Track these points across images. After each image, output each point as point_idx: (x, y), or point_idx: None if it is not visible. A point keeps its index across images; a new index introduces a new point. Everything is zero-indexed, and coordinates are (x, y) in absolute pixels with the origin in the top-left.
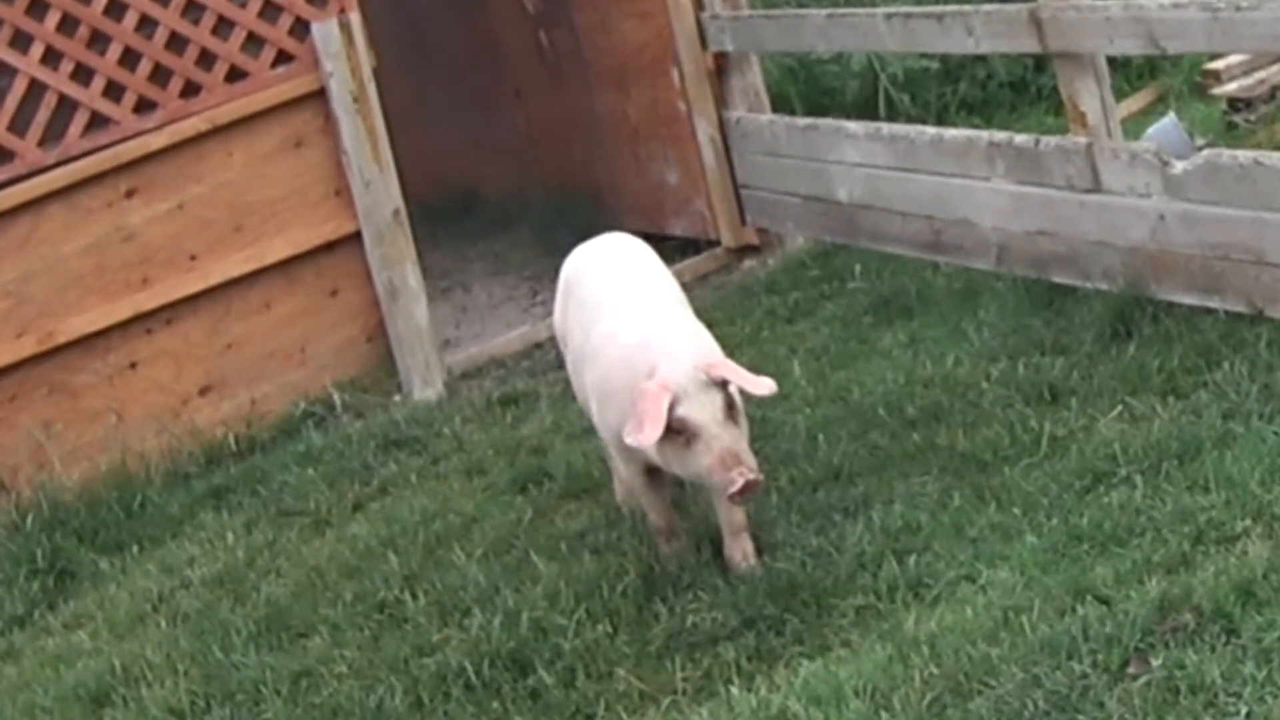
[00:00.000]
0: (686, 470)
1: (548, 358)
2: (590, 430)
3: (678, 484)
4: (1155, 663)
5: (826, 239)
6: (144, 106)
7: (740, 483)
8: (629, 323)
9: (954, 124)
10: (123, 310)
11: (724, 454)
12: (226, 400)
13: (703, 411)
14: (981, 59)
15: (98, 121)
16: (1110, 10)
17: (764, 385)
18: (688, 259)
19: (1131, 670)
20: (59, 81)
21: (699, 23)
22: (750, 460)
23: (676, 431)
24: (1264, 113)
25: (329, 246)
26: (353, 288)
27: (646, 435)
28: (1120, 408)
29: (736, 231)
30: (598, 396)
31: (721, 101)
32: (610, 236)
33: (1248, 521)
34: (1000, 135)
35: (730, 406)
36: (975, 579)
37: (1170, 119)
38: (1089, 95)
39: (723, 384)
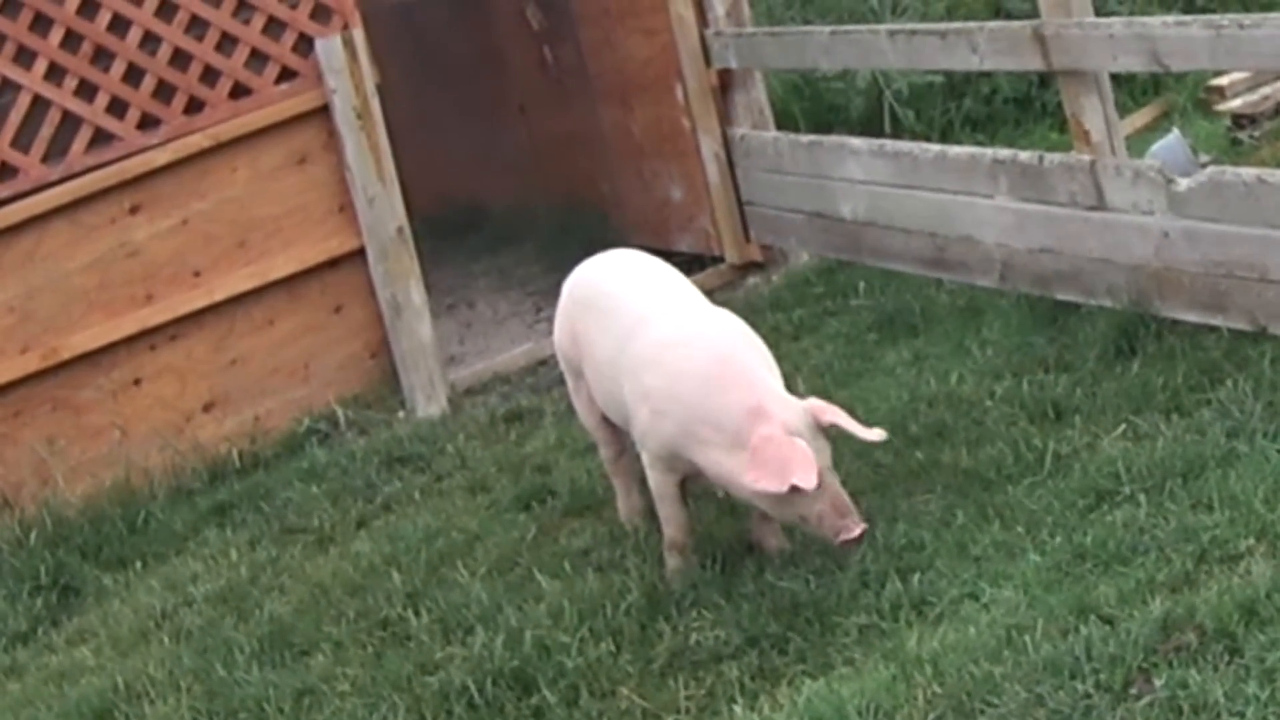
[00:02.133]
0: (788, 514)
1: (552, 374)
2: (593, 448)
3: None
4: (1158, 682)
5: (830, 256)
6: (148, 123)
7: (857, 531)
8: (692, 334)
9: (959, 140)
10: (127, 326)
11: (837, 502)
12: (230, 417)
13: (819, 459)
14: (986, 75)
15: (101, 138)
16: (1114, 28)
17: (875, 434)
18: (692, 275)
19: (1135, 690)
20: (62, 98)
21: (703, 39)
22: (854, 508)
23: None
24: (1268, 129)
25: (333, 263)
26: (356, 304)
27: (801, 479)
28: (1124, 426)
29: (740, 248)
30: (653, 403)
31: (725, 118)
32: (617, 251)
33: (1251, 540)
34: (1004, 152)
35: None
36: (978, 597)
37: (1175, 135)
38: (1093, 112)
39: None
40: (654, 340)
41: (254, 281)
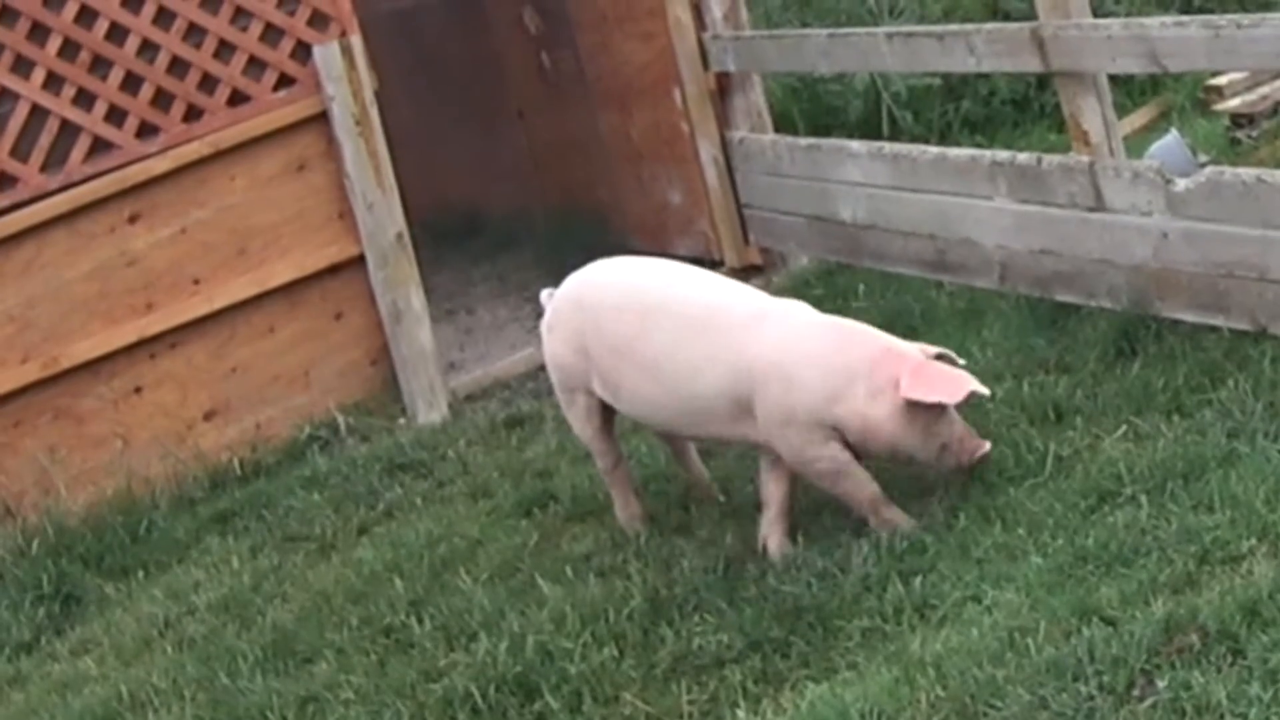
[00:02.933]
0: (927, 441)
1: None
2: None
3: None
4: (1161, 684)
5: (830, 259)
6: (146, 131)
7: (988, 446)
8: (789, 306)
9: (957, 142)
10: (127, 335)
11: (965, 425)
12: (231, 424)
13: None
14: (984, 76)
15: (100, 146)
16: (1112, 29)
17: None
18: None
19: (1137, 692)
20: (61, 107)
21: (701, 43)
22: None
23: (928, 407)
24: (1267, 128)
25: (332, 270)
26: (356, 311)
27: (974, 385)
28: (1125, 427)
29: (740, 252)
30: (788, 376)
31: (724, 122)
32: (608, 260)
33: (1253, 541)
34: (1003, 154)
35: None
36: (981, 600)
37: (1173, 136)
38: (1091, 113)
39: None
40: (755, 319)
41: (254, 289)
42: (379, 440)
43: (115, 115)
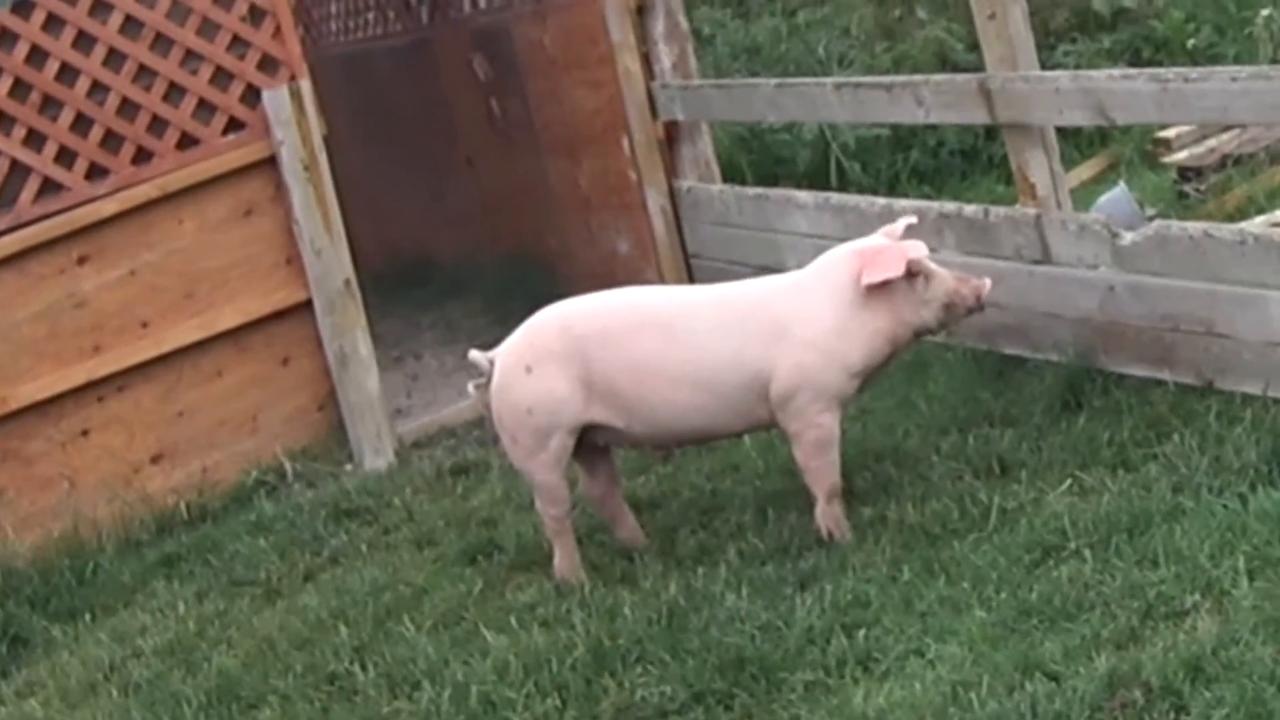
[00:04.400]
0: (931, 303)
1: None
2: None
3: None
4: None
5: None
6: (96, 173)
7: (988, 282)
8: (777, 279)
9: (906, 192)
10: (75, 377)
11: (957, 276)
12: (178, 468)
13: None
14: (932, 127)
15: (50, 188)
16: (1059, 81)
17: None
18: None
19: None
20: (11, 147)
21: (649, 92)
22: None
23: (914, 275)
24: (1214, 181)
25: (280, 315)
26: (304, 356)
27: (911, 250)
28: (1070, 481)
29: None
30: (823, 346)
31: (672, 170)
32: (579, 298)
33: (1197, 596)
34: (949, 206)
35: None
36: (924, 654)
37: (1121, 188)
38: (1038, 166)
39: None
40: (764, 299)
41: (201, 333)
42: (325, 486)
43: (65, 156)
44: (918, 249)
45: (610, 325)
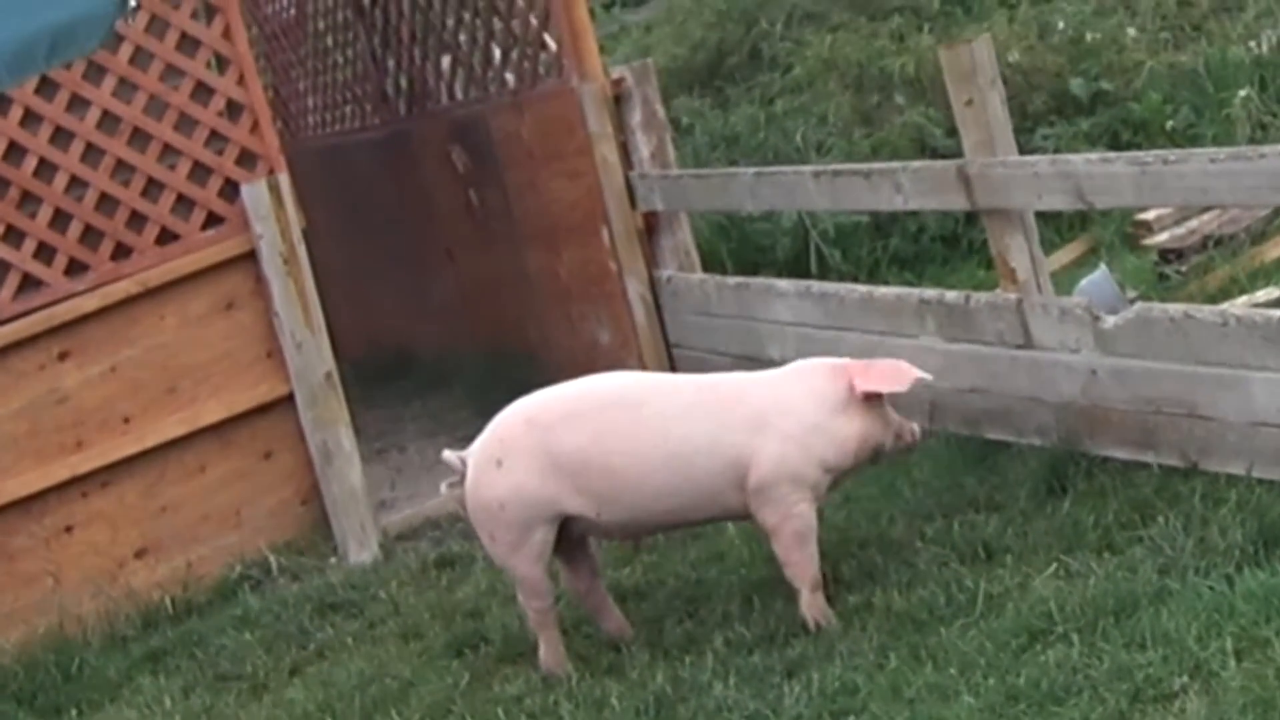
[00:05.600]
0: (889, 428)
1: None
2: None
3: None
4: None
5: None
6: (75, 269)
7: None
8: (756, 375)
9: (886, 279)
10: (58, 473)
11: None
12: (163, 563)
13: None
14: (913, 213)
15: (29, 284)
16: (1038, 166)
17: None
18: None
19: None
20: None
21: (628, 182)
22: None
23: (877, 396)
24: (1195, 263)
25: (262, 409)
26: (286, 450)
27: (918, 371)
28: (1056, 565)
29: None
30: (802, 440)
31: (652, 260)
32: (541, 392)
33: (1185, 678)
34: (930, 292)
35: None
36: None
37: (1102, 271)
38: (1018, 251)
39: None
40: (741, 390)
41: (184, 428)
42: (310, 580)
43: (44, 252)
44: (918, 371)
45: (578, 408)
